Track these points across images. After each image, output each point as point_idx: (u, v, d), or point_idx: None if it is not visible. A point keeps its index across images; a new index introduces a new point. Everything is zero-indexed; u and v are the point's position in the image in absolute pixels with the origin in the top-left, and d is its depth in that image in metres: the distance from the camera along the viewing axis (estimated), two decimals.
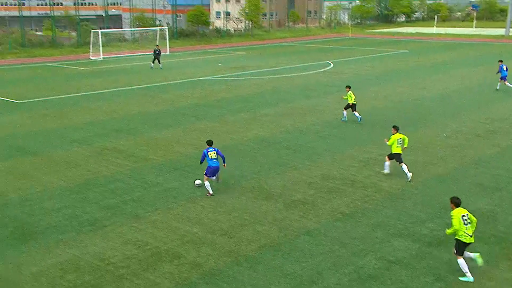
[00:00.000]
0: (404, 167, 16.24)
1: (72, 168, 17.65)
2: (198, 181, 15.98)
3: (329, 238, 12.63)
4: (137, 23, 67.26)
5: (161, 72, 40.19)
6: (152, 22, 67.24)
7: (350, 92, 23.81)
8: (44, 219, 13.66)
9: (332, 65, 44.57)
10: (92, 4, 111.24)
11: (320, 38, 73.81)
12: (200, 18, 67.11)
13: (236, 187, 15.84)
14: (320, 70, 41.37)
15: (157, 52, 42.04)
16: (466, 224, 10.60)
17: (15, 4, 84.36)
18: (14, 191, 15.54)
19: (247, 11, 72.05)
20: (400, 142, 16.25)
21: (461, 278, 10.74)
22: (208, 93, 31.77)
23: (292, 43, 66.86)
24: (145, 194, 15.37)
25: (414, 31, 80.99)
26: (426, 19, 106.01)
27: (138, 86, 34.23)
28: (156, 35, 56.96)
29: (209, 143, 15.54)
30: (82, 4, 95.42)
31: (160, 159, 18.65)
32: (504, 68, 32.08)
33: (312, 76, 38.66)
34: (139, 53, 54.00)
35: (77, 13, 60.36)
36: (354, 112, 23.85)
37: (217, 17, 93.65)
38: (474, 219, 10.81)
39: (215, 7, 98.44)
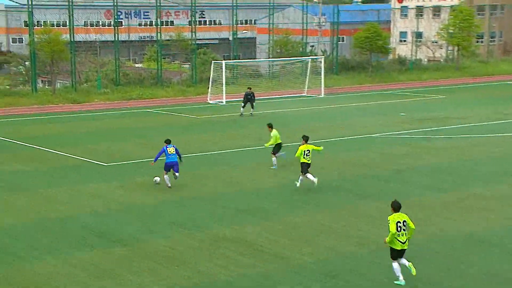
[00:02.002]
0: (301, 178, 25.45)
1: (175, 266, 18.56)
2: (157, 178, 26.16)
3: None
4: (278, 50, 70.02)
5: (307, 124, 41.17)
6: (301, 48, 69.61)
7: (274, 131, 29.46)
8: None
9: None
10: (215, 23, 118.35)
11: None
12: (375, 42, 67.69)
13: None
14: None
15: (249, 96, 45.44)
16: (399, 231, 16.02)
17: (109, 25, 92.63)
18: None
19: (451, 31, 71.57)
20: (308, 154, 25.17)
21: (395, 282, 16.22)
22: (383, 158, 31.87)
23: None
24: None
25: None
26: None
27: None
28: (306, 69, 58.86)
29: (168, 141, 26.08)
30: (200, 23, 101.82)
31: (305, 258, 18.91)
32: None
33: None
34: (279, 95, 56.23)
35: (193, 36, 64.21)
36: (277, 153, 29.59)
37: (401, 41, 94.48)
38: (413, 226, 16.27)
39: (398, 26, 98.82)
